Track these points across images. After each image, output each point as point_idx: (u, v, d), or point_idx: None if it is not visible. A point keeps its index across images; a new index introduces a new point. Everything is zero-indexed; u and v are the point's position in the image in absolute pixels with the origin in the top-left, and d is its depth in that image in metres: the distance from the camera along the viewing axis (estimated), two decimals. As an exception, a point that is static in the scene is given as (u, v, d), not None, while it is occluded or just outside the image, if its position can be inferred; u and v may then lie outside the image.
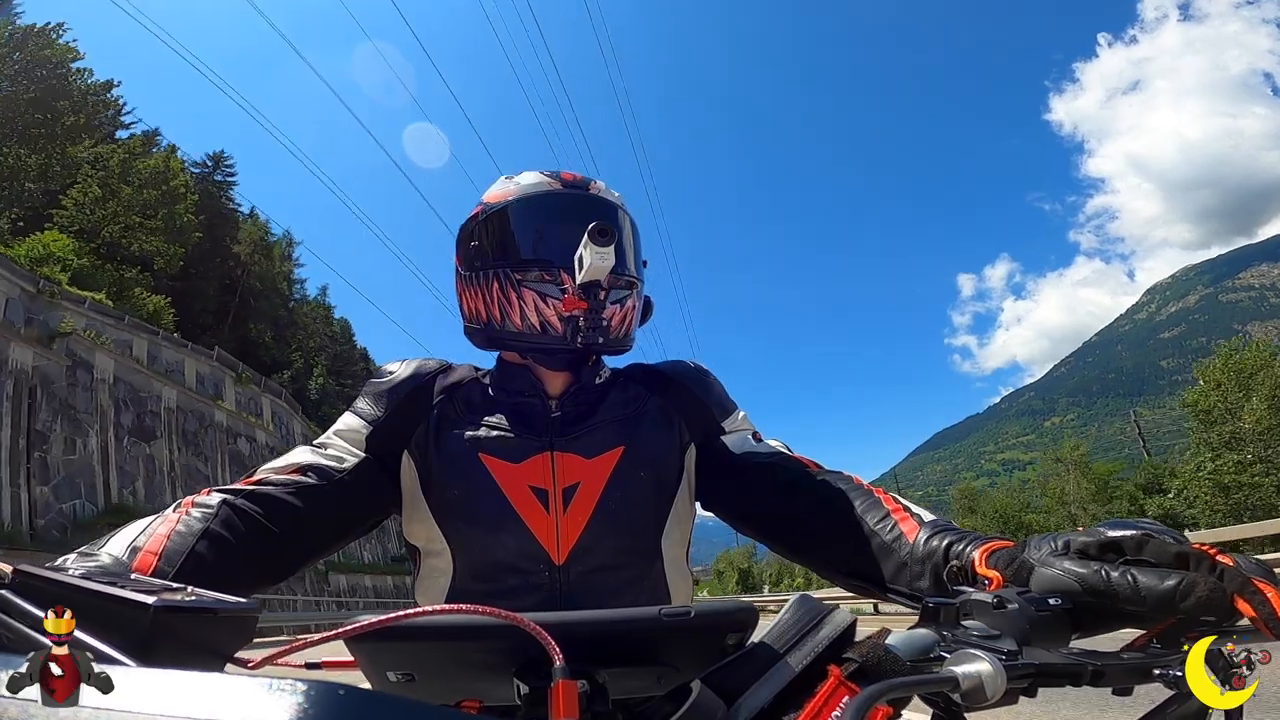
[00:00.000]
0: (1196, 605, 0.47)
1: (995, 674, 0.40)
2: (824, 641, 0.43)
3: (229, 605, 0.43)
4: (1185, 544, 0.51)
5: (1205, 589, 0.47)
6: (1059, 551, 0.55)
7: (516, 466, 0.91)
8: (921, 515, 0.78)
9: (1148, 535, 0.52)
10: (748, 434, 1.01)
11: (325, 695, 0.23)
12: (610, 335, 0.93)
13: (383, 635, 0.42)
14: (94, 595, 0.41)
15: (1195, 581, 0.47)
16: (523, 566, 0.88)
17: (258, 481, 0.85)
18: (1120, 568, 0.50)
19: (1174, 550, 0.50)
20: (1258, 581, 0.47)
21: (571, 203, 0.96)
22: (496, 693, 0.47)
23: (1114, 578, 0.49)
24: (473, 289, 0.97)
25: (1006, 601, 0.48)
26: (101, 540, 0.69)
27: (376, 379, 1.02)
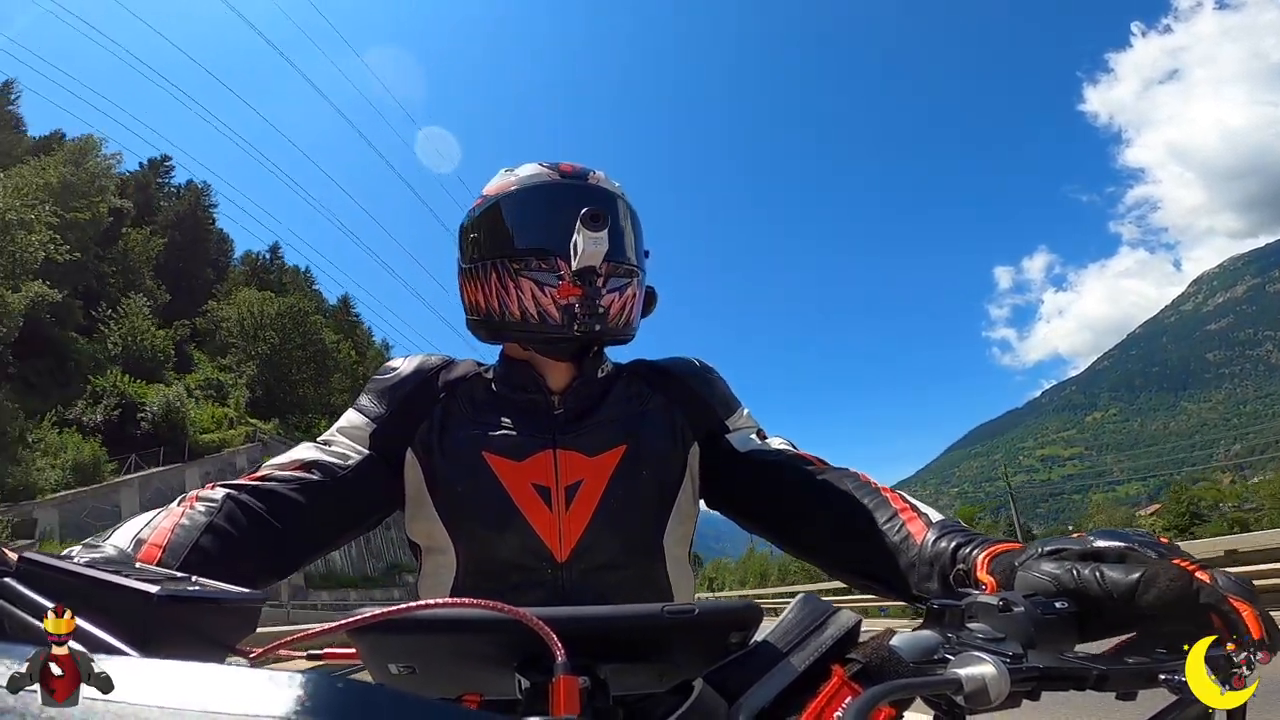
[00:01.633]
0: (1158, 597, 0.49)
1: (999, 677, 0.40)
2: (828, 642, 0.43)
3: (232, 596, 0.43)
4: (1168, 558, 0.52)
5: (1165, 581, 0.49)
6: (1040, 554, 0.57)
7: (519, 464, 0.91)
8: (929, 515, 0.78)
9: (1131, 547, 0.54)
10: (752, 432, 1.01)
11: (326, 687, 0.23)
12: (609, 323, 0.92)
13: (386, 628, 0.42)
14: (98, 584, 0.41)
15: (1156, 574, 0.49)
16: (525, 564, 0.89)
17: (262, 477, 0.86)
18: (1090, 565, 0.53)
19: (1154, 563, 0.51)
20: (1233, 599, 0.47)
21: (569, 192, 0.95)
22: (497, 687, 0.47)
23: (1083, 574, 0.52)
24: (473, 281, 0.97)
25: (1012, 604, 0.48)
26: (106, 533, 0.70)
27: (380, 376, 1.02)
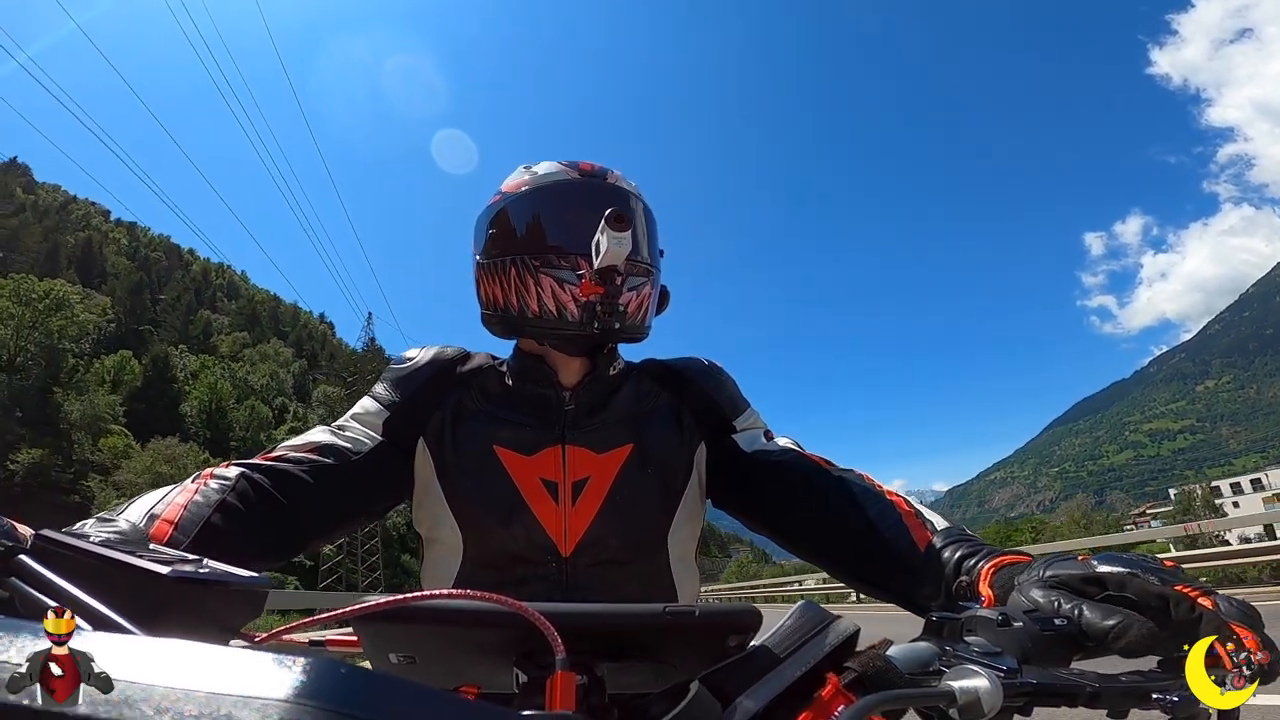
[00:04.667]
0: (1128, 648, 0.49)
1: (992, 691, 0.40)
2: (825, 649, 0.43)
3: (241, 579, 0.43)
4: (1171, 585, 0.51)
5: (1137, 634, 0.49)
6: (1038, 579, 0.56)
7: (529, 459, 0.92)
8: (934, 523, 0.78)
9: (1133, 574, 0.53)
10: (759, 432, 1.01)
11: (327, 671, 0.23)
12: (627, 321, 0.93)
13: (388, 617, 0.43)
14: (110, 563, 0.41)
15: (1130, 625, 0.49)
16: (530, 557, 0.89)
17: (277, 457, 0.86)
18: (1073, 600, 0.52)
19: (1155, 591, 0.51)
20: (1235, 626, 0.47)
21: (589, 191, 0.96)
22: (495, 679, 0.48)
23: (1063, 609, 0.52)
24: (491, 276, 0.97)
25: (1011, 619, 0.48)
26: (122, 506, 0.71)
27: (396, 365, 1.02)
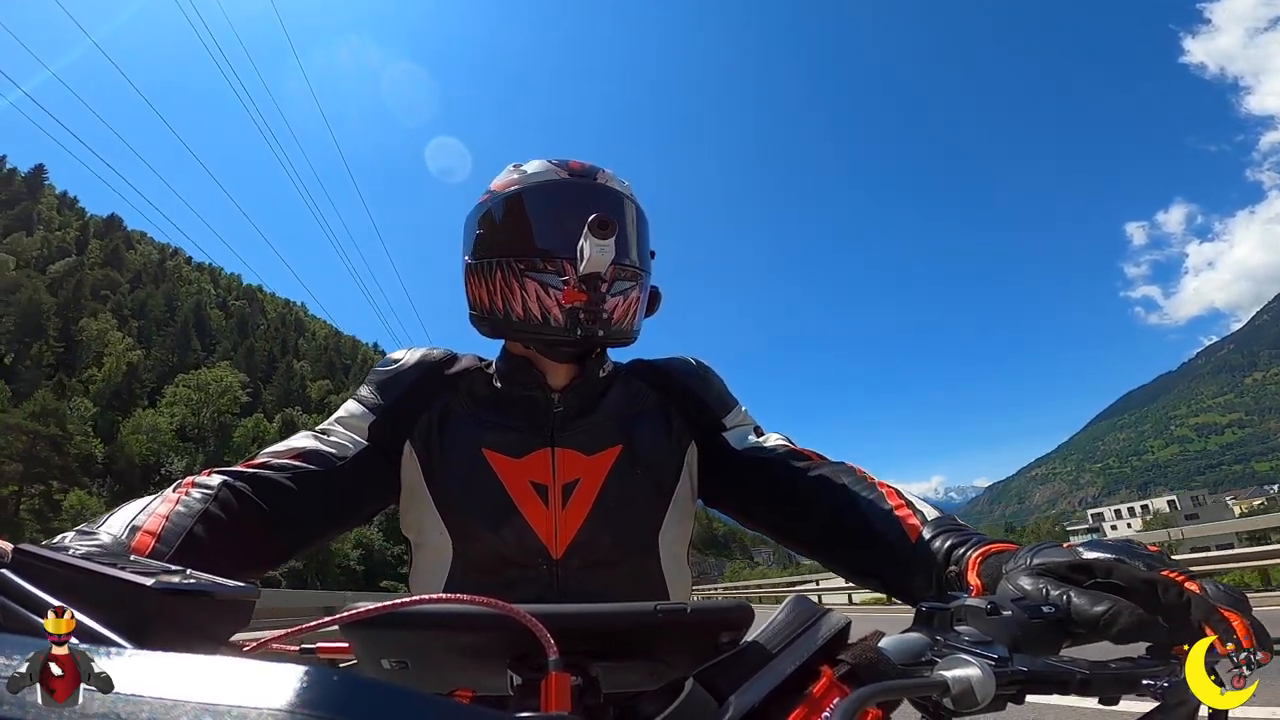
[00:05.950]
0: (1118, 634, 0.48)
1: (985, 679, 0.41)
2: (817, 643, 0.44)
3: (226, 589, 0.43)
4: (1158, 570, 0.51)
5: (1127, 620, 0.48)
6: (1026, 566, 0.55)
7: (518, 461, 0.92)
8: (925, 513, 0.78)
9: (1120, 560, 0.52)
10: (749, 429, 1.01)
11: (319, 679, 0.23)
12: (611, 327, 0.92)
13: (378, 623, 0.42)
14: (93, 576, 0.41)
15: (1119, 611, 0.48)
16: (521, 560, 0.89)
17: (259, 465, 0.85)
18: (1061, 587, 0.51)
19: (1142, 577, 0.51)
20: (1224, 610, 0.48)
21: (577, 192, 0.95)
22: (489, 683, 0.48)
23: (1052, 596, 0.51)
24: (478, 277, 0.97)
25: (1000, 608, 0.48)
26: (102, 518, 0.69)
27: (381, 368, 1.01)
